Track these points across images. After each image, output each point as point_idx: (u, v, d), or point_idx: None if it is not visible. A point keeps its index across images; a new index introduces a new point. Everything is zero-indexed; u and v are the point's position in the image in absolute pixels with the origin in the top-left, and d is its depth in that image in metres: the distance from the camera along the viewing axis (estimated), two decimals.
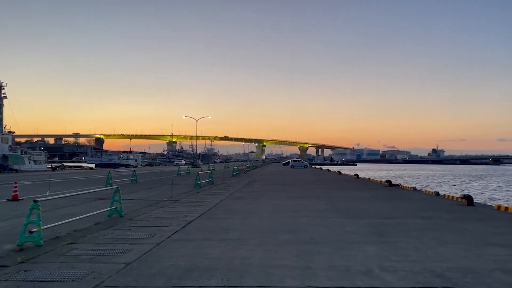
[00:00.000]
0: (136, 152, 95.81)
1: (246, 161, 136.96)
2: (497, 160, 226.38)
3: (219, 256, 6.31)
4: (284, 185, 24.51)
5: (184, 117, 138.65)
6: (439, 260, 6.02)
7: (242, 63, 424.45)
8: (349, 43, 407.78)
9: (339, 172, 47.52)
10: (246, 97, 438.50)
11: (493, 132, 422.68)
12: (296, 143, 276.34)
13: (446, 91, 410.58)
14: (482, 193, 35.55)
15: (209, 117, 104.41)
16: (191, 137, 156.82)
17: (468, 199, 13.78)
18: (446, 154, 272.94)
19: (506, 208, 12.22)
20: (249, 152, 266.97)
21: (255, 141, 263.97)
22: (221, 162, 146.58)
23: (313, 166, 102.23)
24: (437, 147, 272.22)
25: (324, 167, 79.06)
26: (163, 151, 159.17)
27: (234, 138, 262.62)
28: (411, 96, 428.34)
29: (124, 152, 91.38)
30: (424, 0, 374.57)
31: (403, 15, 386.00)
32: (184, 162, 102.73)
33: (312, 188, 21.93)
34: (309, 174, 42.14)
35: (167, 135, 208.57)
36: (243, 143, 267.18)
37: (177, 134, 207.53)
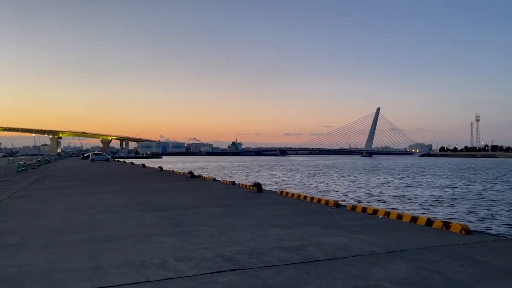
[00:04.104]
0: None
1: (38, 155, 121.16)
2: (283, 152, 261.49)
3: None
4: (82, 180, 22.68)
5: None
6: (229, 244, 6.49)
7: (31, 41, 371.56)
8: (150, 38, 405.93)
9: (143, 165, 46.79)
10: (38, 82, 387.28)
11: (280, 127, 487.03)
12: (98, 135, 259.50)
13: (243, 88, 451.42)
14: (270, 181, 40.36)
15: None
16: None
17: (258, 186, 15.39)
18: (243, 146, 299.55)
19: (287, 193, 14.14)
20: (41, 145, 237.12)
21: (49, 132, 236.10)
22: (4, 156, 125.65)
23: (117, 159, 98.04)
24: (236, 140, 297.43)
25: (128, 161, 76.66)
26: None
27: (21, 129, 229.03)
28: (212, 91, 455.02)
29: None
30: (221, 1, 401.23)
31: (198, 14, 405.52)
32: None
33: (113, 182, 20.93)
34: (111, 168, 40.12)
35: None
36: (34, 135, 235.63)
37: None
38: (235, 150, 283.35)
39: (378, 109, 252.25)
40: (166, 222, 8.69)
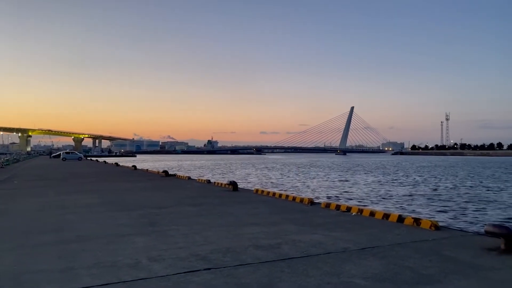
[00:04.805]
0: None
1: (6, 153, 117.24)
2: (259, 150, 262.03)
3: None
4: (53, 179, 22.09)
5: None
6: (204, 244, 6.45)
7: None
8: (125, 35, 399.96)
9: (116, 164, 45.98)
10: (7, 79, 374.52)
11: (256, 125, 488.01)
12: (70, 133, 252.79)
13: (219, 87, 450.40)
14: (245, 179, 40.37)
15: None
16: None
17: (233, 185, 15.37)
18: (219, 145, 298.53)
19: (262, 191, 14.18)
20: (10, 144, 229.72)
21: (18, 130, 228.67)
22: None
23: (89, 158, 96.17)
24: (212, 138, 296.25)
25: (101, 159, 75.25)
26: None
27: None
28: (188, 89, 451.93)
29: None
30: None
31: (172, 11, 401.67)
32: None
33: (85, 181, 20.48)
34: (83, 167, 39.27)
35: None
36: (1, 133, 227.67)
37: None
38: (211, 148, 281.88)
39: (352, 108, 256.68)
40: (140, 221, 8.56)
